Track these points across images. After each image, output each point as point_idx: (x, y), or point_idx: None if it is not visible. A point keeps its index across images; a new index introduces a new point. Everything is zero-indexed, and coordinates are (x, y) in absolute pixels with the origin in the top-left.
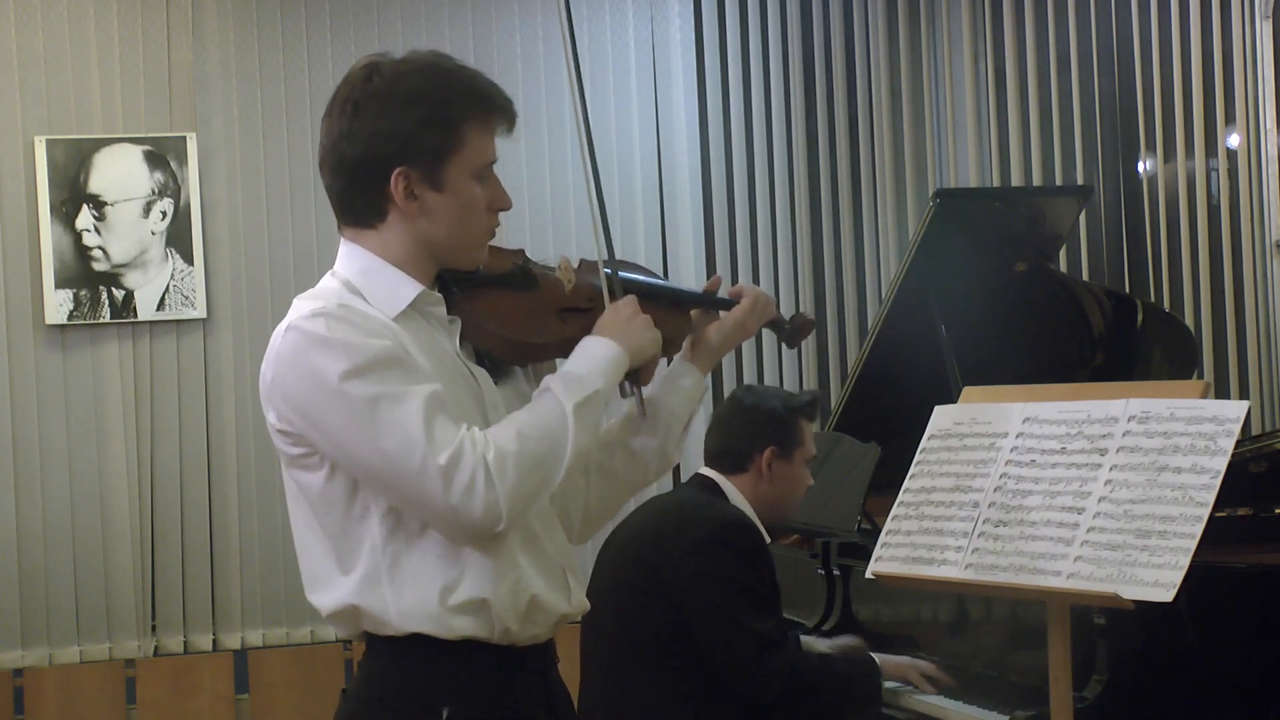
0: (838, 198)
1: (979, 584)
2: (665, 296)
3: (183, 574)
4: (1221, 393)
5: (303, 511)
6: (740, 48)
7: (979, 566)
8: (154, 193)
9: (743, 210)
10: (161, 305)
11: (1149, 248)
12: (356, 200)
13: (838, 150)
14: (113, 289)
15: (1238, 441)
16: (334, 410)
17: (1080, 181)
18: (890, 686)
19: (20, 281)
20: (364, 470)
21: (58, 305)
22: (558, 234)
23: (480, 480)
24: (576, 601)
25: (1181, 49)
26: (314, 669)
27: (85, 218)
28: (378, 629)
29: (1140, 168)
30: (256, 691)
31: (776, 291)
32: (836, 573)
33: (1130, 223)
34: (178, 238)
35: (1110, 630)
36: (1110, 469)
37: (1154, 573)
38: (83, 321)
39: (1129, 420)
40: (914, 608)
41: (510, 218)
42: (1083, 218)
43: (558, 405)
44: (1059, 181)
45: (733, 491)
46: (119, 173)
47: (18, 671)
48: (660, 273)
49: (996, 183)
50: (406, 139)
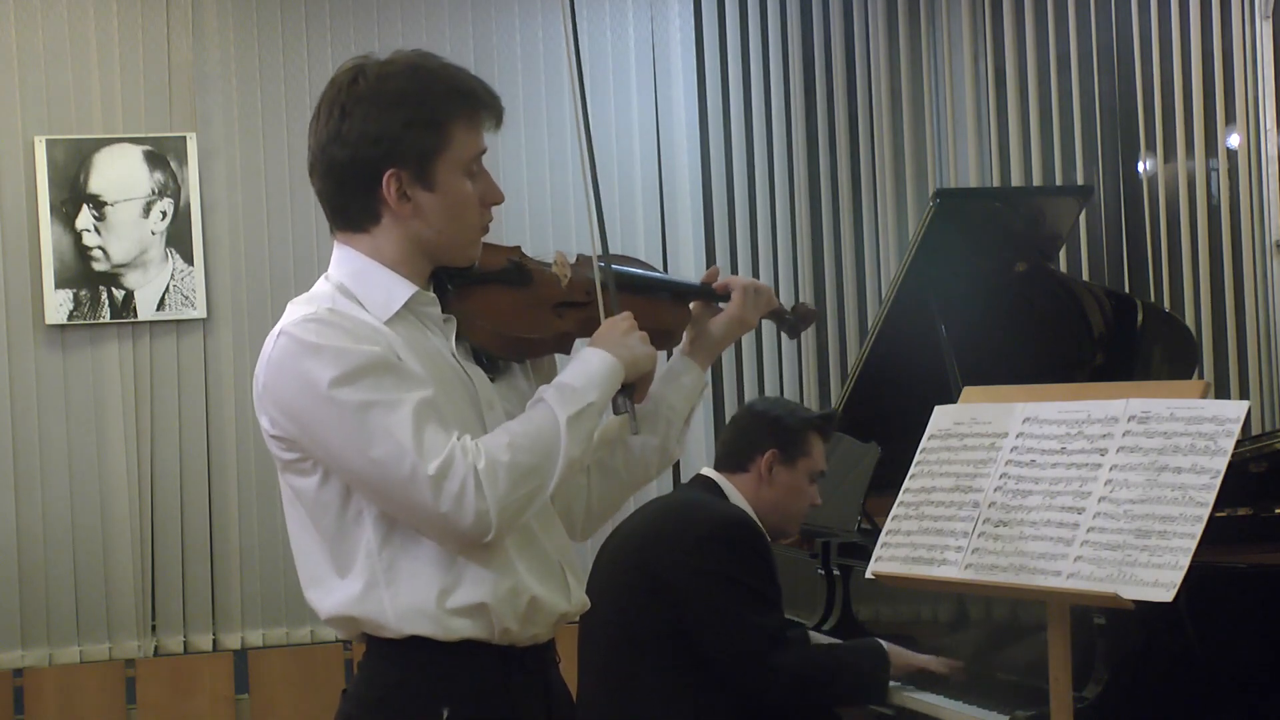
0: (838, 198)
1: (979, 584)
2: (663, 289)
3: (183, 574)
4: (1221, 393)
5: (298, 516)
6: (740, 48)
7: (979, 566)
8: (154, 193)
9: (743, 210)
10: (161, 305)
11: (1149, 248)
12: (349, 204)
13: (838, 150)
14: (113, 289)
15: (1238, 441)
16: (324, 416)
17: (1080, 181)
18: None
19: (20, 281)
20: (354, 476)
21: (58, 305)
22: (557, 233)
23: (470, 488)
24: (576, 600)
25: (1181, 49)
26: (314, 669)
27: (85, 218)
28: (376, 631)
29: (1140, 168)
30: (256, 691)
31: (777, 291)
32: (836, 573)
33: (1130, 223)
34: (178, 238)
35: (1110, 630)
36: (1110, 469)
37: (1154, 573)
38: (83, 321)
39: (1129, 420)
40: (914, 608)
41: (510, 216)
42: (1083, 218)
43: (551, 415)
44: (1059, 181)
45: (733, 492)
46: (119, 173)
47: (18, 671)
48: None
49: (996, 183)
50: (394, 141)
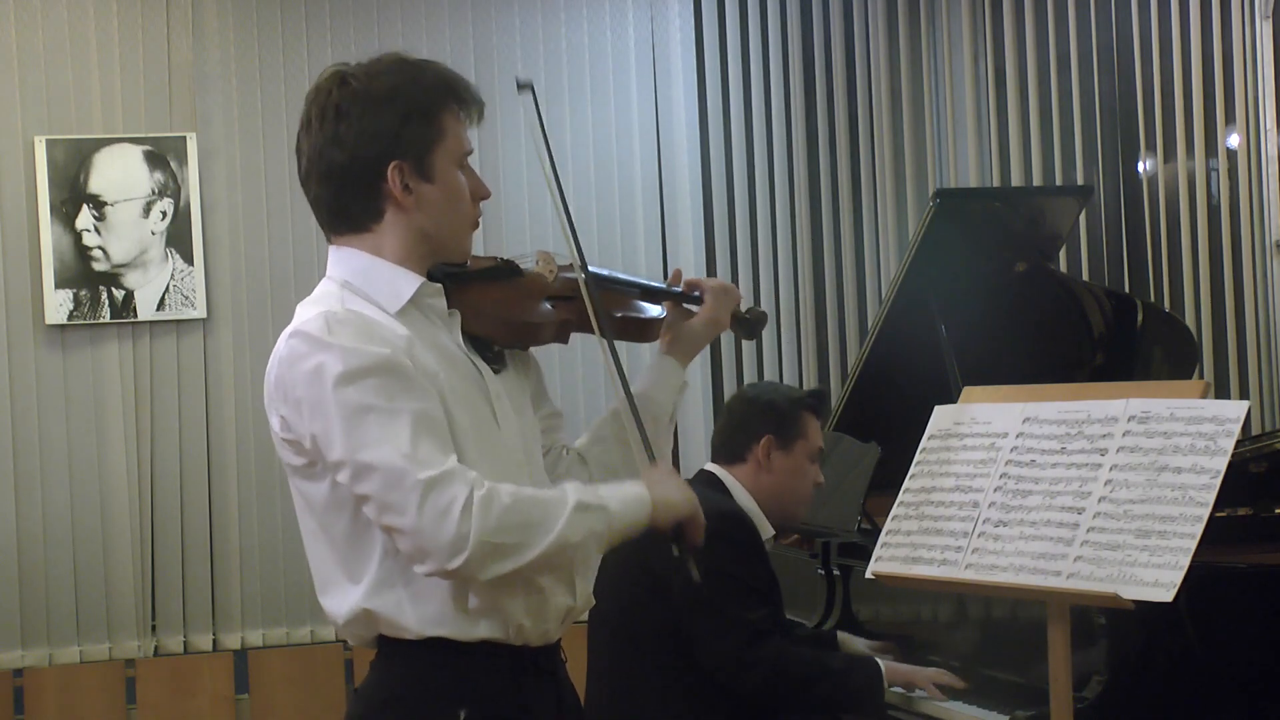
0: (838, 198)
1: (979, 584)
2: (635, 290)
3: (183, 574)
4: (1221, 393)
5: (310, 525)
6: (740, 48)
7: (979, 566)
8: (154, 193)
9: (743, 210)
10: (161, 305)
11: (1149, 248)
12: (351, 205)
13: (838, 150)
14: (113, 289)
15: (1238, 441)
16: (325, 411)
17: (1080, 181)
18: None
19: (20, 281)
20: (346, 475)
21: (58, 305)
22: (557, 232)
23: (459, 508)
24: (582, 597)
25: (1181, 49)
26: (314, 669)
27: (85, 218)
28: (394, 633)
29: (1140, 168)
30: (256, 691)
31: (777, 291)
32: (836, 573)
33: (1130, 223)
34: (178, 238)
35: (1110, 630)
36: (1110, 469)
37: (1154, 573)
38: (83, 321)
39: (1129, 420)
40: (914, 608)
41: (509, 215)
42: (1083, 218)
43: (563, 495)
44: (1059, 181)
45: (735, 486)
46: (119, 173)
47: (18, 671)
48: (661, 274)
49: (996, 183)
50: (394, 135)
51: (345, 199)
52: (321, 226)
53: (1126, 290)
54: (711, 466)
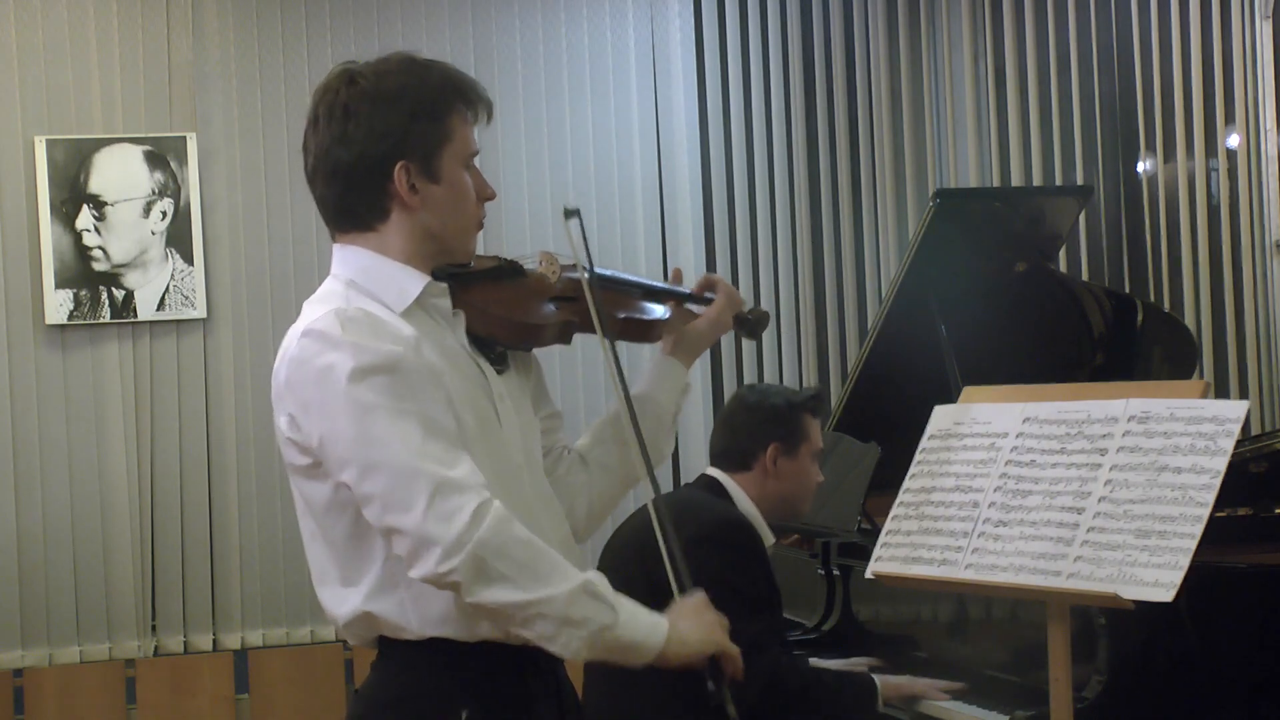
0: (838, 198)
1: (979, 584)
2: (638, 290)
3: (183, 574)
4: (1221, 393)
5: (310, 527)
6: (740, 48)
7: (979, 566)
8: (154, 193)
9: (743, 210)
10: (161, 305)
11: (1149, 248)
12: (357, 204)
13: (838, 150)
14: (113, 289)
15: (1238, 441)
16: (336, 408)
17: (1080, 181)
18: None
19: (20, 281)
20: (350, 474)
21: (58, 305)
22: (557, 232)
23: (466, 514)
24: None
25: (1181, 49)
26: (314, 669)
27: (85, 218)
28: (396, 634)
29: (1140, 168)
30: (256, 691)
31: (777, 291)
32: (836, 573)
33: (1130, 223)
34: (178, 238)
35: (1110, 630)
36: (1110, 469)
37: (1154, 573)
38: (83, 321)
39: (1129, 420)
40: (914, 608)
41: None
42: (1083, 218)
43: (575, 573)
44: (1059, 181)
45: (737, 491)
46: (119, 173)
47: (18, 671)
48: (661, 274)
49: (996, 183)
50: (402, 134)
51: (351, 198)
52: (327, 224)
53: (1126, 290)
54: (713, 472)
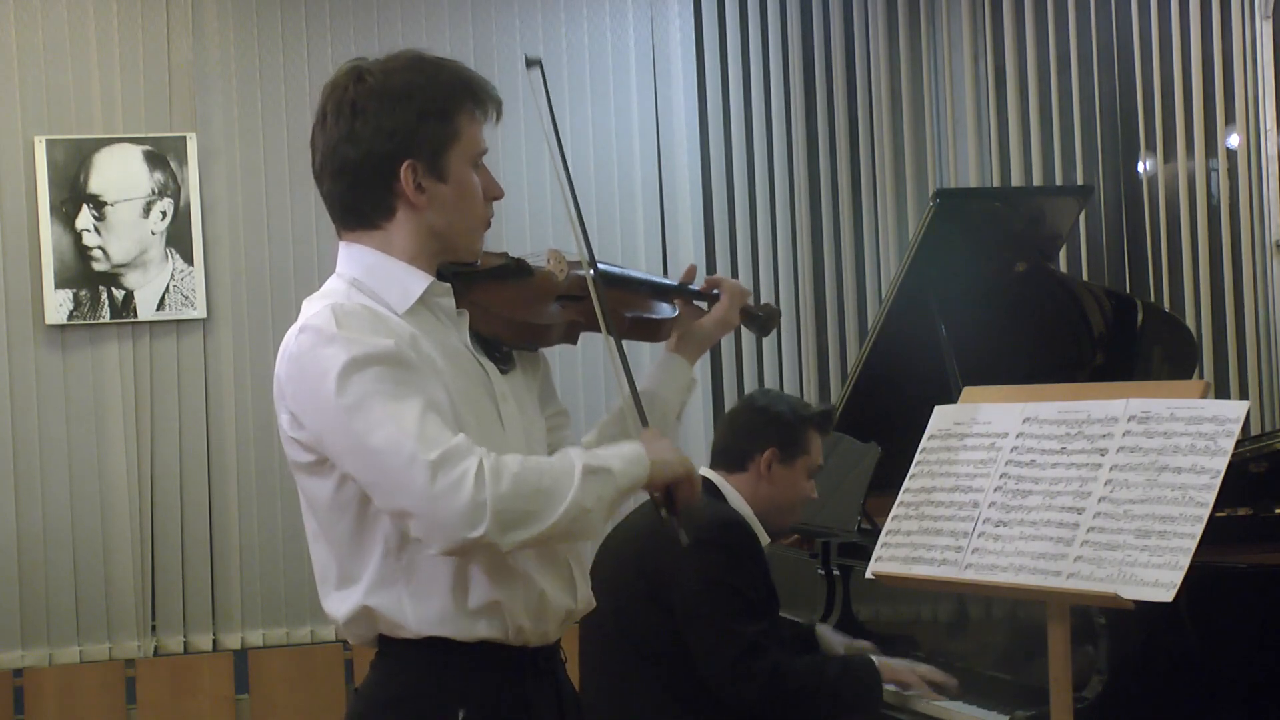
0: (838, 198)
1: (979, 584)
2: (645, 288)
3: (183, 574)
4: (1221, 393)
5: (312, 524)
6: (740, 48)
7: (979, 566)
8: (154, 193)
9: (743, 210)
10: (161, 305)
11: (1149, 248)
12: (362, 202)
13: (838, 150)
14: (113, 289)
15: (1238, 441)
16: (330, 402)
17: (1080, 181)
18: (891, 688)
19: (20, 281)
20: (353, 464)
21: (58, 305)
22: (557, 231)
23: (470, 478)
24: (583, 598)
25: (1181, 49)
26: (314, 669)
27: (85, 218)
28: (395, 632)
29: (1140, 168)
30: (256, 691)
31: (777, 291)
32: (836, 573)
33: (1130, 223)
34: (178, 238)
35: (1110, 630)
36: (1110, 469)
37: (1154, 573)
38: (83, 321)
39: (1129, 420)
40: (914, 608)
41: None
42: (1083, 218)
43: (569, 460)
44: (1059, 181)
45: (731, 493)
46: (119, 173)
47: (18, 671)
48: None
49: (996, 183)
50: (409, 133)
51: (357, 196)
52: (333, 221)
53: (1126, 290)
54: (708, 472)
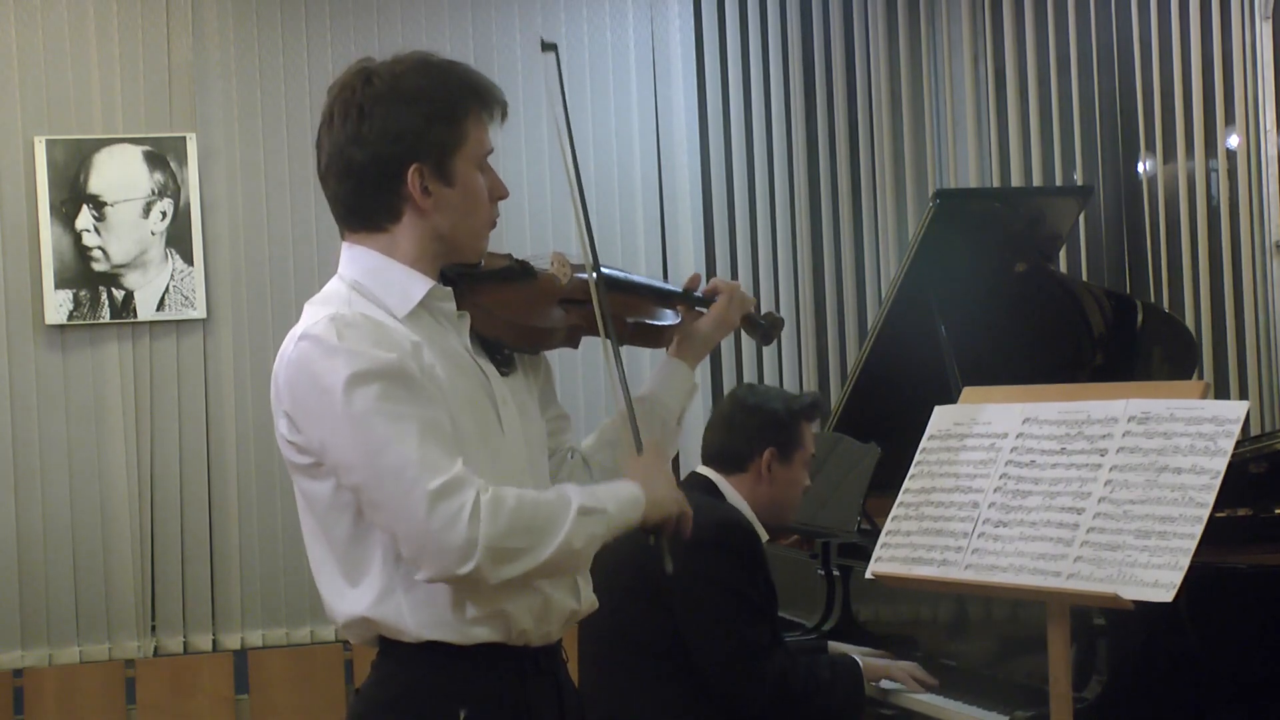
0: (838, 198)
1: (979, 584)
2: (648, 293)
3: (183, 574)
4: (1221, 393)
5: (310, 525)
6: (740, 48)
7: (979, 566)
8: (154, 193)
9: (743, 210)
10: (161, 305)
11: (1149, 248)
12: (368, 204)
13: (838, 151)
14: (113, 289)
15: (1238, 442)
16: (332, 416)
17: (1080, 181)
18: (890, 687)
19: (20, 281)
20: (353, 480)
21: (58, 305)
22: (558, 232)
23: (467, 513)
24: (585, 599)
25: (1181, 49)
26: (314, 669)
27: (85, 218)
28: (394, 636)
29: (1140, 168)
30: (256, 691)
31: (777, 291)
32: (836, 573)
33: (1130, 223)
34: (178, 238)
35: (1110, 630)
36: (1110, 469)
37: (1154, 573)
38: (83, 322)
39: (1129, 420)
40: (914, 608)
41: (512, 216)
42: (1083, 218)
43: (565, 498)
44: (1059, 181)
45: (730, 492)
46: (119, 173)
47: (18, 671)
48: (660, 274)
49: (996, 183)
50: (417, 137)
51: (363, 198)
52: (337, 222)
53: (1126, 290)
54: (705, 471)
